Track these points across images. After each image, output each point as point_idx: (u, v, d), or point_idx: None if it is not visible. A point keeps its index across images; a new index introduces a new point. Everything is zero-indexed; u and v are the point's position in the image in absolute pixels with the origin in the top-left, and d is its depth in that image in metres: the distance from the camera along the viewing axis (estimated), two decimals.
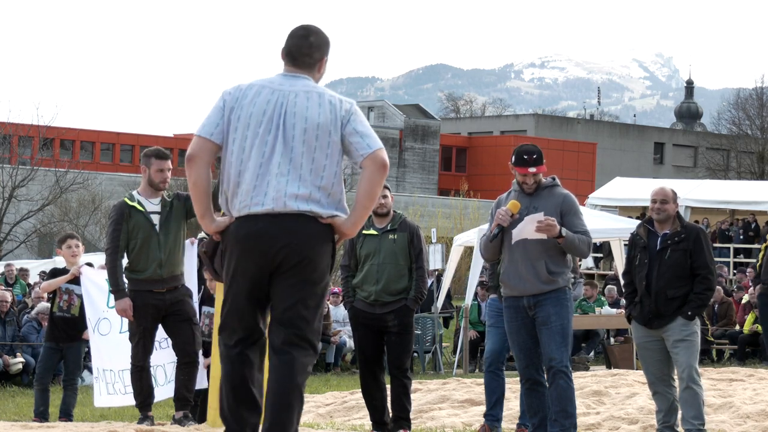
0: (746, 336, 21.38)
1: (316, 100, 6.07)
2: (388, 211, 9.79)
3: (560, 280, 8.60)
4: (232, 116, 6.06)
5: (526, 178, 8.63)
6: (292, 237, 5.98)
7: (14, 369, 17.98)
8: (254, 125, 6.02)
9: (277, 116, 6.03)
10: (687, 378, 9.30)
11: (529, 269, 8.55)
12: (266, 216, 5.97)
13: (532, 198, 8.64)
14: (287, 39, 6.20)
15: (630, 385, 13.40)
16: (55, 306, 11.20)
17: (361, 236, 9.82)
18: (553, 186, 8.74)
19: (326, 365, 21.12)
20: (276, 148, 6.01)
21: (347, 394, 14.00)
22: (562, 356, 8.56)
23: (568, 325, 8.63)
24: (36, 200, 41.33)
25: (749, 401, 12.10)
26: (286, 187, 5.99)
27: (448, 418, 11.63)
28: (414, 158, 72.86)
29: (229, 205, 6.08)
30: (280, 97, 6.06)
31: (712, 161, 71.78)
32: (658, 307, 9.27)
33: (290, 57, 6.18)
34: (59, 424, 8.98)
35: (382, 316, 9.68)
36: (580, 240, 8.54)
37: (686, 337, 9.31)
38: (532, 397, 8.71)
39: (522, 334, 8.67)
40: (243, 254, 6.02)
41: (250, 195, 6.00)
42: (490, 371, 10.05)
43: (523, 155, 8.64)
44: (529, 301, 8.59)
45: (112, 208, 9.81)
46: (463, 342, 20.81)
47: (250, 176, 6.00)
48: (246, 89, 6.09)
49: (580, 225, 8.61)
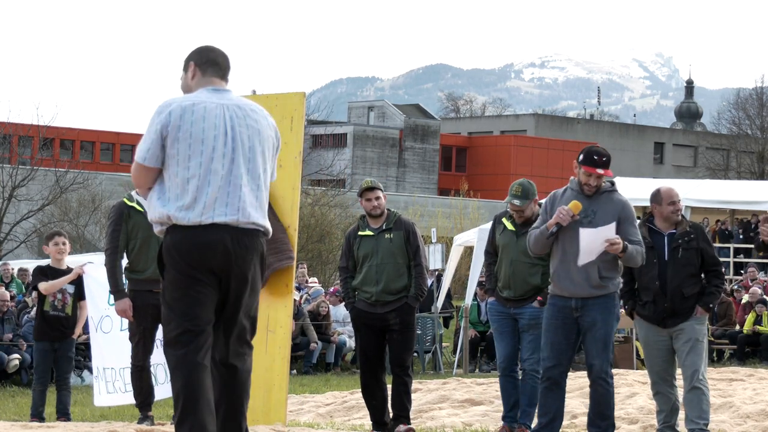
0: (746, 336, 21.40)
1: (262, 117, 6.31)
2: (382, 211, 9.82)
3: (610, 286, 8.63)
4: (179, 133, 6.09)
5: (590, 179, 8.57)
6: (250, 251, 6.16)
7: (11, 367, 17.99)
8: (212, 138, 6.11)
9: (231, 130, 6.15)
10: (694, 379, 9.30)
11: (581, 272, 8.55)
12: (228, 227, 6.09)
13: (591, 201, 8.61)
14: (206, 51, 6.36)
15: (630, 385, 13.40)
16: (47, 305, 11.20)
17: (358, 237, 9.84)
18: (612, 192, 8.72)
19: (326, 365, 21.14)
20: (236, 160, 6.14)
21: (347, 394, 14.01)
22: (602, 363, 8.62)
23: (612, 332, 8.69)
24: (36, 200, 41.35)
25: (749, 401, 12.10)
26: (248, 197, 6.15)
27: (448, 417, 11.64)
28: (414, 158, 72.89)
29: (182, 213, 6.07)
30: (227, 111, 6.19)
31: (712, 161, 71.88)
32: (674, 306, 9.26)
33: (216, 67, 6.33)
34: (59, 424, 8.98)
35: (383, 315, 9.71)
36: (637, 251, 8.58)
37: (698, 337, 9.34)
38: (549, 396, 8.72)
39: (558, 334, 8.66)
40: (201, 256, 6.08)
41: (213, 206, 6.07)
42: (505, 375, 10.05)
43: (594, 155, 8.58)
44: (576, 303, 8.60)
45: (112, 208, 9.83)
46: (463, 342, 20.84)
47: (213, 188, 6.08)
48: (188, 106, 6.14)
49: (635, 234, 8.64)
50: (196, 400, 5.96)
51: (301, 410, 12.86)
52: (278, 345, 9.16)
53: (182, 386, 5.98)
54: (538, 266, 9.77)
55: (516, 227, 9.85)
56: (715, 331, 21.46)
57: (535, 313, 9.78)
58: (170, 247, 6.11)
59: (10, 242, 40.94)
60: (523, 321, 9.82)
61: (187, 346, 6.02)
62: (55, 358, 11.32)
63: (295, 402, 13.38)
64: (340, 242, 40.53)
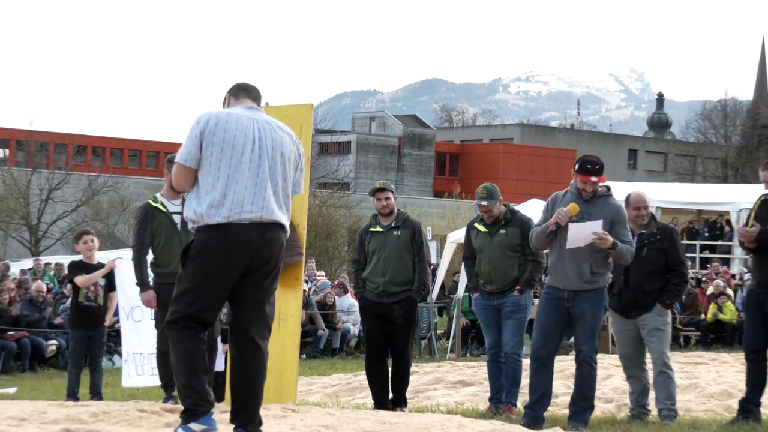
0: (710, 324, 21.44)
1: (286, 134, 6.48)
2: (391, 210, 9.86)
3: (600, 281, 8.68)
4: (214, 138, 6.26)
5: (586, 185, 8.65)
6: (272, 244, 6.31)
7: (49, 351, 18.01)
8: (241, 145, 6.27)
9: (258, 140, 6.33)
10: (661, 364, 9.35)
11: (575, 268, 8.60)
12: (253, 224, 6.24)
13: (588, 204, 8.66)
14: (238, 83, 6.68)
15: (606, 368, 13.41)
16: (82, 296, 11.24)
17: (369, 233, 9.89)
18: (607, 196, 8.78)
19: (332, 350, 21.12)
20: (261, 166, 6.31)
21: (351, 376, 14.03)
22: (589, 349, 8.68)
23: (599, 322, 8.73)
24: (70, 202, 41.39)
25: (713, 382, 12.12)
26: (272, 198, 6.30)
27: (442, 397, 11.65)
28: (411, 164, 72.83)
29: (212, 211, 6.22)
30: (256, 124, 6.38)
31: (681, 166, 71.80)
32: (636, 299, 9.34)
33: (248, 92, 6.59)
34: (92, 403, 8.99)
35: (389, 305, 9.75)
36: (626, 250, 8.62)
37: (660, 327, 9.37)
38: (538, 375, 8.75)
39: (549, 318, 8.71)
40: (226, 255, 6.23)
41: (241, 204, 6.22)
42: (493, 361, 10.09)
43: (587, 165, 8.66)
44: (569, 295, 8.65)
45: (138, 209, 9.84)
46: (455, 329, 20.87)
47: (240, 188, 6.24)
48: (223, 116, 6.35)
49: (626, 235, 8.69)
50: (190, 370, 6.23)
51: (310, 391, 12.88)
52: (289, 332, 9.18)
53: (179, 360, 6.27)
54: (513, 259, 9.88)
55: (488, 228, 9.97)
56: (682, 320, 21.51)
57: (516, 300, 9.86)
58: (200, 244, 6.24)
59: (48, 240, 40.96)
60: (506, 308, 9.88)
61: (185, 330, 6.25)
62: (89, 343, 11.34)
63: (304, 383, 13.39)
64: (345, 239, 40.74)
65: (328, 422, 7.44)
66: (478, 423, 7.68)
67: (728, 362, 14.71)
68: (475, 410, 10.14)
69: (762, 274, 9.14)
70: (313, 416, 7.80)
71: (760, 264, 9.20)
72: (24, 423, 6.99)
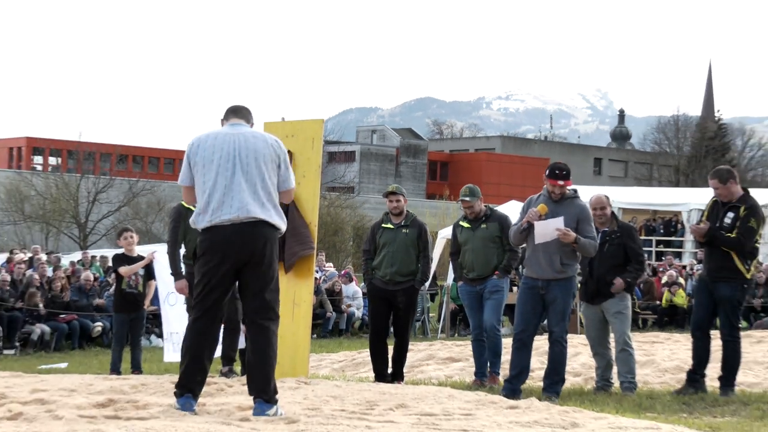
0: (665, 308, 21.44)
1: (261, 139, 6.44)
2: (401, 211, 9.88)
3: (569, 271, 8.67)
4: (197, 158, 6.37)
5: (554, 188, 8.65)
6: (253, 239, 6.28)
7: (95, 332, 18.01)
8: (217, 159, 6.33)
9: (234, 150, 6.35)
10: (622, 342, 9.35)
11: (547, 260, 8.58)
12: (232, 224, 6.27)
13: (557, 204, 8.65)
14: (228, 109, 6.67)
15: (575, 347, 13.38)
16: (125, 284, 11.24)
17: (381, 228, 9.91)
18: (574, 198, 8.76)
19: (339, 331, 21.11)
20: (236, 174, 6.32)
21: (356, 354, 14.01)
22: (560, 330, 8.66)
23: (569, 307, 8.70)
24: (114, 203, 41.43)
25: (667, 359, 12.10)
26: (247, 199, 6.29)
27: (434, 372, 11.63)
28: (407, 170, 72.82)
29: (199, 218, 6.35)
30: (233, 138, 6.40)
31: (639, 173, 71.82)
32: (599, 288, 9.36)
33: (233, 111, 6.62)
34: (132, 377, 8.99)
35: (393, 292, 9.75)
36: (589, 243, 8.61)
37: (621, 311, 9.37)
38: (518, 354, 8.73)
39: (527, 305, 8.70)
40: (215, 253, 6.30)
41: (220, 209, 6.28)
42: (476, 340, 10.09)
43: (556, 170, 8.67)
44: (542, 284, 8.62)
45: (172, 209, 9.83)
46: (445, 313, 20.86)
47: (218, 195, 6.30)
48: (204, 138, 6.44)
49: (590, 231, 8.67)
50: (195, 350, 6.30)
51: (320, 366, 12.86)
52: (302, 315, 9.17)
53: (189, 339, 6.36)
54: (493, 249, 9.95)
55: (471, 224, 10.04)
56: (641, 305, 21.49)
57: (495, 283, 9.90)
58: (198, 246, 6.44)
59: (94, 236, 40.97)
60: (486, 290, 9.89)
61: (198, 315, 6.34)
62: (130, 325, 11.33)
63: (315, 359, 13.38)
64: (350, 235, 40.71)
65: (336, 393, 7.43)
66: (465, 394, 7.67)
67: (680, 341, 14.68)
68: (462, 383, 10.12)
69: (710, 264, 9.14)
70: (323, 388, 7.80)
71: (709, 256, 9.21)
72: (73, 393, 6.99)
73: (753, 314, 20.96)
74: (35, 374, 9.22)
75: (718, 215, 9.03)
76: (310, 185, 9.25)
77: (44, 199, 40.27)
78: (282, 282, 9.10)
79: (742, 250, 8.91)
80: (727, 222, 8.94)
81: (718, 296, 8.99)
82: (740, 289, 8.98)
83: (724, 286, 8.96)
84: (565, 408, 7.07)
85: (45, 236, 40.30)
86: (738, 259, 8.93)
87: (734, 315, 9.02)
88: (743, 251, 8.92)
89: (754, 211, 8.93)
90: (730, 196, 9.02)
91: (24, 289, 17.49)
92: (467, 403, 7.08)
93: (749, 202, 8.99)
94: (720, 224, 8.97)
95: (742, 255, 8.93)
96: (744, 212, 8.91)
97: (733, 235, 8.87)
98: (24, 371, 10.10)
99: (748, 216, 8.88)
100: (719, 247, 8.97)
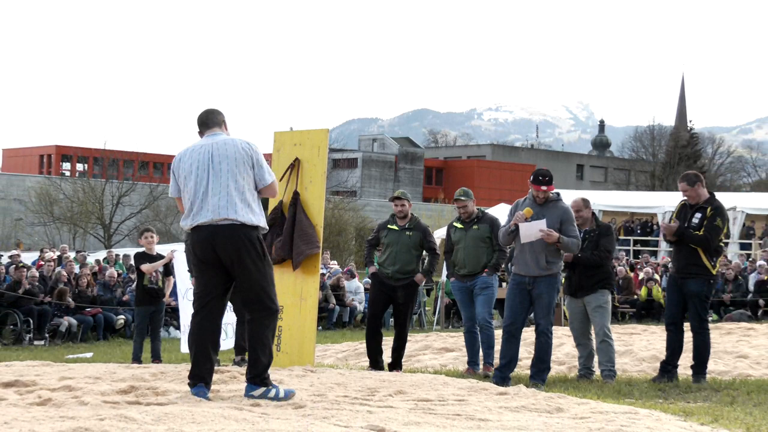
0: (642, 302, 21.41)
1: (231, 145, 6.41)
2: (405, 214, 9.89)
3: (554, 268, 8.65)
4: (180, 171, 6.44)
5: (538, 193, 8.65)
6: (229, 240, 6.27)
7: (118, 324, 17.99)
8: (194, 169, 6.37)
9: (207, 160, 6.37)
10: (602, 334, 9.34)
11: (533, 258, 8.57)
12: (209, 226, 6.29)
13: (542, 207, 8.66)
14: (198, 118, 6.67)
15: (559, 338, 13.36)
16: (146, 280, 11.24)
17: (386, 230, 9.93)
18: (558, 200, 8.78)
19: (342, 323, 21.08)
20: (210, 181, 6.33)
21: (357, 344, 14.00)
22: (546, 323, 8.63)
23: (554, 301, 8.68)
24: (136, 206, 41.41)
25: (644, 349, 12.10)
26: (221, 202, 6.29)
27: (429, 361, 11.62)
28: (405, 176, 72.79)
29: (184, 222, 6.44)
30: (207, 148, 6.43)
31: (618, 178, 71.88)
32: (581, 281, 9.36)
33: (203, 123, 6.61)
34: (152, 365, 8.97)
35: (394, 288, 9.76)
36: (571, 242, 8.60)
37: (602, 305, 9.37)
38: (507, 344, 8.71)
39: (516, 300, 8.68)
40: (198, 253, 6.35)
41: (199, 213, 6.33)
42: (469, 332, 10.07)
43: (539, 177, 8.68)
44: (529, 280, 8.61)
45: None
46: (440, 306, 20.84)
47: (197, 202, 6.34)
48: (184, 153, 6.49)
49: (573, 231, 8.67)
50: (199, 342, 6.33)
51: (325, 355, 12.85)
52: (309, 309, 9.15)
53: (193, 333, 6.40)
54: (483, 248, 9.95)
55: (464, 224, 10.04)
56: (620, 299, 21.47)
57: (485, 280, 9.88)
58: (186, 246, 6.53)
59: (117, 236, 40.96)
60: (477, 287, 9.88)
61: (197, 310, 6.39)
62: (151, 317, 11.32)
63: (320, 349, 13.36)
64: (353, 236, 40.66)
65: (339, 380, 7.41)
66: (458, 381, 7.66)
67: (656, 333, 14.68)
68: (456, 371, 10.11)
69: (679, 262, 9.13)
70: (328, 375, 7.78)
71: (677, 255, 9.20)
72: (98, 381, 6.97)
73: (723, 308, 20.97)
74: (63, 363, 9.21)
75: (686, 216, 9.05)
76: (316, 189, 9.24)
77: (72, 202, 40.26)
78: (290, 278, 9.13)
79: (709, 247, 8.92)
80: (695, 222, 8.97)
81: (687, 292, 8.98)
82: (707, 284, 8.98)
83: (693, 282, 8.95)
84: (550, 394, 7.05)
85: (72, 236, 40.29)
86: (704, 256, 8.94)
87: (703, 308, 9.01)
88: (710, 249, 8.93)
89: (720, 212, 8.98)
90: (698, 199, 9.04)
91: (53, 285, 17.49)
92: (460, 390, 7.07)
93: (715, 204, 9.04)
94: (688, 224, 8.98)
95: (708, 253, 8.94)
96: (710, 212, 8.95)
97: (701, 233, 8.89)
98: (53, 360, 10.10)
99: (714, 216, 8.92)
100: (687, 246, 8.97)
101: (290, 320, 9.12)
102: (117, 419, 5.08)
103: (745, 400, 7.60)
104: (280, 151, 9.41)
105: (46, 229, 40.28)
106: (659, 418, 6.17)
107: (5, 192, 44.24)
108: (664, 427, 5.75)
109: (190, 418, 5.18)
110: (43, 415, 5.38)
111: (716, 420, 6.33)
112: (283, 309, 9.12)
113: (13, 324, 16.70)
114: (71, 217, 40.12)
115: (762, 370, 10.40)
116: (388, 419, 5.50)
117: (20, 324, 16.51)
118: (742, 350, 11.79)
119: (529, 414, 6.04)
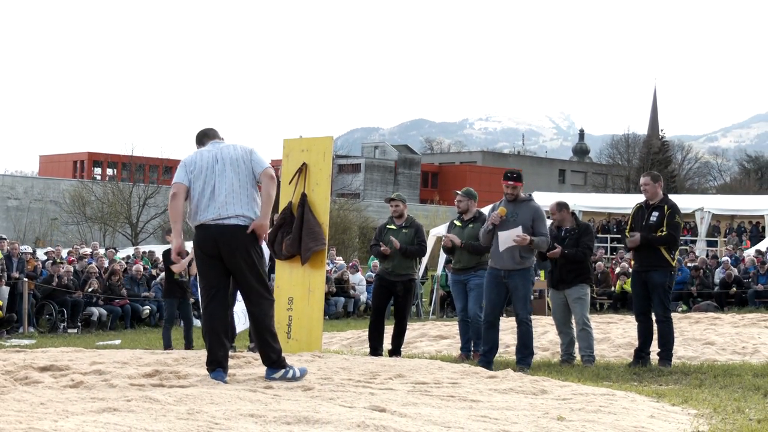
0: (618, 294, 21.39)
1: (232, 148, 6.48)
2: (400, 214, 9.88)
3: (527, 262, 8.65)
4: (194, 171, 6.41)
5: (508, 188, 8.67)
6: (230, 236, 6.26)
7: (144, 314, 17.97)
8: (204, 171, 6.39)
9: (213, 162, 6.41)
10: (582, 323, 9.33)
11: (508, 253, 8.58)
12: (214, 224, 6.29)
13: (516, 206, 8.66)
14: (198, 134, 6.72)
15: (543, 326, 13.38)
16: (176, 274, 11.23)
17: (386, 229, 9.91)
18: (530, 200, 8.79)
19: (347, 313, 21.08)
20: (216, 182, 6.36)
21: (361, 332, 13.99)
22: (524, 312, 8.61)
23: (529, 292, 8.68)
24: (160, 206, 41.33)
25: (620, 336, 12.09)
26: (224, 201, 6.31)
27: (426, 347, 11.62)
28: (404, 179, 72.77)
29: (193, 220, 6.43)
30: (212, 152, 6.47)
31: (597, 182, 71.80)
32: (561, 275, 9.36)
33: (208, 136, 6.67)
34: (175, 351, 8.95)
35: (394, 283, 9.73)
36: (542, 241, 8.61)
37: (582, 296, 9.37)
38: (489, 333, 8.71)
39: (494, 292, 8.69)
40: (202, 248, 6.34)
41: (205, 212, 6.33)
42: (462, 321, 10.06)
43: (508, 174, 8.75)
44: (505, 273, 8.61)
45: None
46: (435, 297, 20.83)
47: (204, 201, 6.35)
48: (196, 155, 6.51)
49: (544, 229, 8.69)
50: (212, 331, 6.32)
51: (331, 342, 12.84)
52: (316, 300, 9.14)
53: (205, 323, 6.40)
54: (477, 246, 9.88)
55: (462, 223, 10.01)
56: (598, 291, 21.46)
57: (477, 279, 9.84)
58: (193, 241, 6.45)
59: (144, 234, 40.94)
60: (471, 284, 9.86)
61: (206, 300, 6.38)
62: (180, 307, 11.39)
63: (327, 337, 13.35)
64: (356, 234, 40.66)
65: (344, 365, 7.40)
66: (452, 365, 7.65)
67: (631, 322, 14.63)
68: (450, 357, 10.10)
69: (641, 258, 9.08)
70: (334, 361, 7.76)
71: (638, 253, 9.14)
72: (125, 365, 6.96)
73: (691, 299, 20.96)
74: (94, 349, 9.20)
75: (644, 216, 9.04)
76: (322, 191, 9.23)
77: (102, 203, 40.29)
78: (299, 272, 9.12)
79: (675, 243, 8.91)
80: (653, 220, 8.97)
81: (651, 284, 8.95)
82: (669, 275, 8.96)
83: (655, 274, 8.92)
84: (535, 377, 7.05)
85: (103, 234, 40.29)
86: (665, 250, 8.92)
87: (666, 298, 8.99)
88: (676, 245, 8.93)
89: (677, 209, 9.02)
90: (655, 197, 9.04)
91: (85, 278, 17.48)
92: (454, 374, 7.06)
93: (670, 203, 9.07)
94: (647, 222, 8.96)
95: (668, 247, 8.91)
96: (668, 211, 8.96)
97: (665, 232, 8.87)
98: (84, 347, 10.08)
99: (672, 214, 8.94)
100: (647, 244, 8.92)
101: (299, 310, 9.10)
102: (142, 400, 5.08)
103: (712, 383, 7.59)
104: (289, 156, 9.41)
105: (79, 228, 40.31)
106: (634, 399, 6.16)
107: (42, 194, 44.29)
108: (638, 408, 5.74)
109: (209, 399, 5.19)
110: (76, 396, 5.38)
111: (686, 401, 6.32)
112: (293, 300, 9.12)
113: (49, 314, 16.72)
114: (101, 217, 40.14)
115: (727, 356, 10.39)
116: (388, 400, 5.49)
117: (55, 314, 16.52)
118: (709, 338, 11.78)
119: (517, 396, 6.03)
